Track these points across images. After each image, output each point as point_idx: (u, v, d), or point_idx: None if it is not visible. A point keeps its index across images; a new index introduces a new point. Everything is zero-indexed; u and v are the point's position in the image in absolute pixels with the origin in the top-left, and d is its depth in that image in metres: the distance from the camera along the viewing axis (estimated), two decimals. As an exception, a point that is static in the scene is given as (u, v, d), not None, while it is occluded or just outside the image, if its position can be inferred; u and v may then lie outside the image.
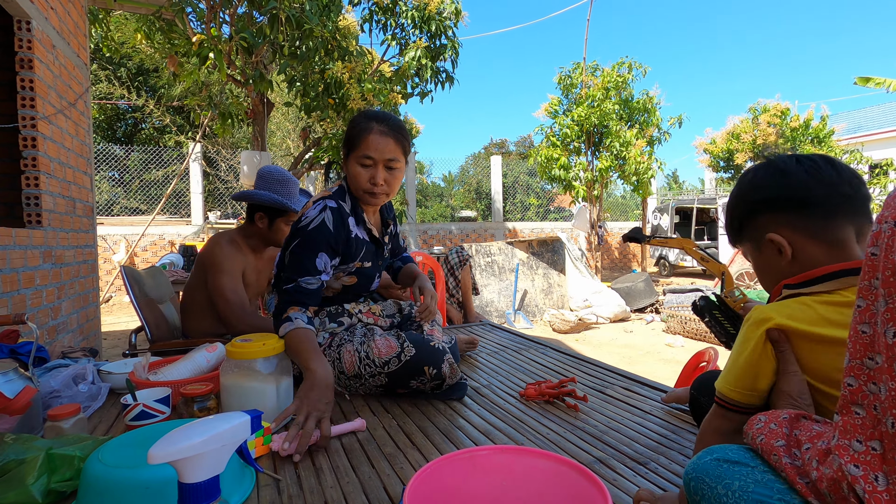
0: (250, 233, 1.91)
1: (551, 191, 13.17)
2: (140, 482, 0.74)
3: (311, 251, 1.26)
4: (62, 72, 2.96)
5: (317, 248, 1.26)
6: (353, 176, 1.31)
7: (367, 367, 1.27)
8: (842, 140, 12.69)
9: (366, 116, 1.32)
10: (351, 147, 1.32)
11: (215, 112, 5.18)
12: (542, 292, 6.18)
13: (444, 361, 1.26)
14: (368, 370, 1.27)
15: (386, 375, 1.27)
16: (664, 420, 1.15)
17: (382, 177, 1.30)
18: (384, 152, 1.29)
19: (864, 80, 7.01)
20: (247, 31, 4.17)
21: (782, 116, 11.12)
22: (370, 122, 1.30)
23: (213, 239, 1.87)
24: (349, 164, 1.32)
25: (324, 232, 1.26)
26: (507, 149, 23.44)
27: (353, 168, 1.31)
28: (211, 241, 1.86)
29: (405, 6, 5.56)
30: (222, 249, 1.82)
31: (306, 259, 1.25)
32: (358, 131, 1.30)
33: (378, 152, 1.28)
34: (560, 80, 8.80)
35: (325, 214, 1.28)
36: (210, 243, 1.86)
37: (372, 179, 1.30)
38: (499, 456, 0.73)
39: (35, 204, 2.61)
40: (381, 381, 1.28)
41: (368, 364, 1.27)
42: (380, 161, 1.29)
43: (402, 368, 1.25)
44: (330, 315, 1.41)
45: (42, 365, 1.40)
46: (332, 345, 1.34)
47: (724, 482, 0.60)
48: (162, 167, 9.64)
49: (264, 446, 0.98)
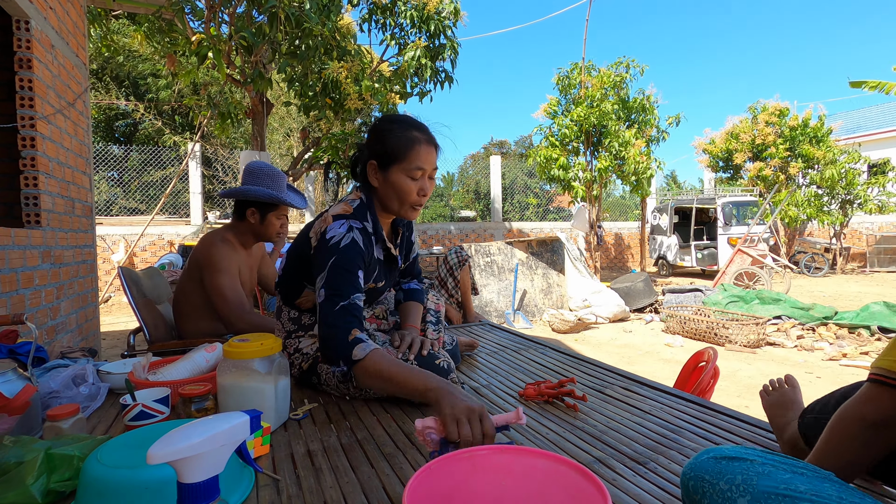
0: (241, 230, 1.90)
1: (550, 191, 13.18)
2: (139, 482, 0.74)
3: (354, 266, 1.19)
4: (61, 71, 2.95)
5: (356, 265, 1.20)
6: (402, 190, 1.23)
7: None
8: (840, 140, 12.71)
9: (403, 124, 1.25)
10: (396, 158, 1.23)
11: (214, 112, 5.18)
12: (542, 292, 6.18)
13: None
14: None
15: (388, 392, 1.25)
16: (664, 420, 1.15)
17: (429, 187, 1.26)
18: (432, 162, 1.25)
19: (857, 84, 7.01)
20: (246, 30, 4.17)
21: (781, 116, 11.13)
22: (412, 130, 1.24)
23: (205, 238, 1.86)
24: (392, 176, 1.24)
25: (357, 250, 1.21)
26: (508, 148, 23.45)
27: (400, 182, 1.23)
28: (204, 241, 1.85)
29: (404, 6, 5.56)
30: (218, 249, 1.81)
31: (351, 275, 1.18)
32: (404, 142, 1.23)
33: (429, 164, 1.23)
34: (558, 80, 8.81)
35: (353, 234, 1.22)
36: (204, 243, 1.84)
37: (422, 192, 1.24)
38: (498, 456, 0.73)
39: (34, 204, 2.60)
40: (385, 395, 1.27)
41: None
42: (428, 172, 1.25)
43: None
44: None
45: (41, 365, 1.39)
46: None
47: (725, 478, 0.60)
48: (161, 167, 9.63)
49: (263, 446, 0.98)
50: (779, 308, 5.33)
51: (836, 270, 10.71)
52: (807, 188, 10.94)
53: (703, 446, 1.00)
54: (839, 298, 7.20)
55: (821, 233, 12.59)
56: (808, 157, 10.70)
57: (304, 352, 1.36)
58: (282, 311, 1.42)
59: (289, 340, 1.39)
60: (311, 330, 1.39)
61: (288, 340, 1.39)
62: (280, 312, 1.42)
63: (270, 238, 1.96)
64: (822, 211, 10.59)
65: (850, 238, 12.49)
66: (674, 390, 1.34)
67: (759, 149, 11.22)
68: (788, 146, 10.87)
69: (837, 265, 10.80)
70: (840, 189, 10.53)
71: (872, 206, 10.54)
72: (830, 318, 5.09)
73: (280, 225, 1.95)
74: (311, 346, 1.37)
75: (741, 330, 4.45)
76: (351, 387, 1.30)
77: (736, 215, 9.78)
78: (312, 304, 1.38)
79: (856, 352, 4.11)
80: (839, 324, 4.94)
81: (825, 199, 10.80)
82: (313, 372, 1.34)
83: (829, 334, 4.72)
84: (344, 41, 5.12)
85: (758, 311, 5.19)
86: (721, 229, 9.67)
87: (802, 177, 11.12)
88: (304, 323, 1.39)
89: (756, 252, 7.27)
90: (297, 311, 1.40)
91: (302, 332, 1.39)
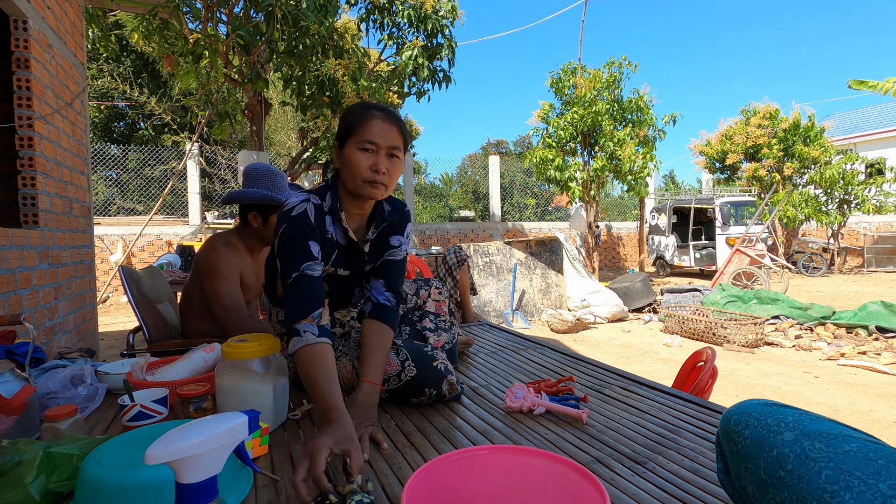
0: (247, 234, 1.88)
1: (549, 191, 13.19)
2: (137, 483, 0.74)
3: (304, 235, 1.16)
4: (59, 71, 2.95)
5: (307, 233, 1.17)
6: (352, 164, 1.18)
7: None
8: (836, 139, 12.75)
9: (364, 105, 1.23)
10: (348, 134, 1.20)
11: (213, 112, 5.17)
12: (540, 292, 6.18)
13: (444, 382, 1.24)
14: None
15: (385, 392, 1.24)
16: (662, 420, 1.15)
17: (385, 165, 1.19)
18: (388, 139, 1.18)
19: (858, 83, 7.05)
20: (243, 29, 4.17)
21: (772, 118, 11.18)
22: (370, 109, 1.21)
23: (208, 242, 1.85)
24: (346, 152, 1.20)
25: (307, 221, 1.18)
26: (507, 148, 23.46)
27: (351, 156, 1.18)
28: (206, 245, 1.84)
29: (401, 6, 5.56)
30: (219, 254, 1.79)
31: (300, 244, 1.15)
32: (356, 117, 1.20)
33: (382, 138, 1.18)
34: (552, 83, 8.82)
35: (307, 205, 1.20)
36: (206, 247, 1.83)
37: (374, 166, 1.18)
38: (497, 455, 0.73)
39: (32, 204, 2.60)
40: (381, 396, 1.26)
41: None
42: (382, 147, 1.18)
43: (402, 387, 1.23)
44: None
45: (39, 366, 1.39)
46: None
47: (775, 416, 0.59)
48: (159, 167, 9.61)
49: (262, 447, 0.97)
50: (777, 308, 5.34)
51: (833, 270, 10.74)
52: (804, 188, 10.97)
53: (702, 446, 1.00)
54: (837, 298, 7.22)
55: (819, 233, 12.62)
56: (803, 157, 10.73)
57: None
58: (271, 314, 1.42)
59: (281, 343, 1.38)
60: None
61: (280, 343, 1.38)
62: (271, 315, 1.42)
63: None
64: (819, 211, 10.61)
65: (847, 238, 12.52)
66: (672, 390, 1.34)
67: (753, 150, 11.25)
68: (782, 147, 10.91)
69: (835, 265, 10.83)
70: (838, 189, 10.56)
71: (870, 206, 10.57)
72: (828, 317, 5.10)
73: None
74: None
75: (739, 330, 4.46)
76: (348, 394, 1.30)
77: (734, 215, 9.79)
78: None
79: (853, 351, 4.12)
80: (837, 323, 4.95)
81: (823, 200, 10.83)
82: None
83: (826, 334, 4.73)
84: (342, 40, 5.12)
85: (756, 311, 5.20)
86: (719, 229, 9.69)
87: (799, 177, 11.15)
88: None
89: (754, 252, 7.28)
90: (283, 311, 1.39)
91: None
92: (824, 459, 0.52)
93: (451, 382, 1.25)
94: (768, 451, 0.57)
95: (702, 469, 0.90)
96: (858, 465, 0.50)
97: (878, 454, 0.51)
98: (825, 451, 0.53)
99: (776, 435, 0.57)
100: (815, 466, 0.52)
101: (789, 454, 0.55)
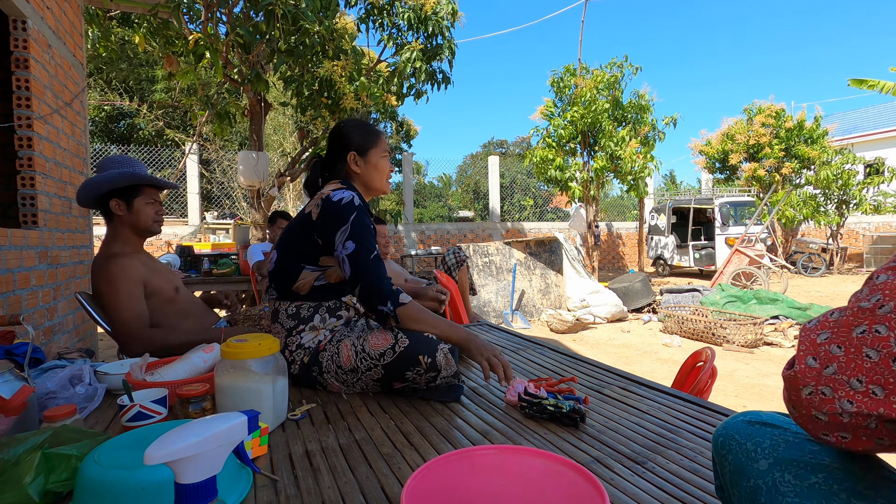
0: (119, 232, 1.68)
1: (549, 191, 13.19)
2: (136, 483, 0.74)
3: (370, 222, 1.38)
4: (58, 71, 2.95)
5: (370, 222, 1.39)
6: (381, 169, 1.50)
7: (364, 361, 1.29)
8: (835, 139, 12.75)
9: (361, 122, 1.53)
10: (373, 145, 1.49)
11: (212, 112, 5.17)
12: (540, 292, 6.18)
13: (438, 350, 1.27)
14: (365, 363, 1.29)
15: (382, 367, 1.28)
16: (661, 420, 1.15)
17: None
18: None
19: (858, 82, 7.07)
20: (243, 29, 4.17)
21: (777, 117, 11.15)
22: (368, 126, 1.52)
23: (93, 268, 1.66)
24: (373, 159, 1.49)
25: (367, 211, 1.41)
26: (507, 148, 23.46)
27: (380, 162, 1.50)
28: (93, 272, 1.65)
29: (401, 7, 5.56)
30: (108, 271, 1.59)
31: (370, 230, 1.36)
32: (375, 132, 1.50)
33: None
34: (553, 82, 8.82)
35: (360, 200, 1.40)
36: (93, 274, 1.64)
37: (391, 168, 1.54)
38: (496, 455, 0.73)
39: (31, 204, 2.60)
40: (378, 374, 1.29)
41: (364, 357, 1.29)
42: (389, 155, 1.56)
43: (398, 359, 1.26)
44: (329, 310, 1.41)
45: (38, 366, 1.39)
46: (332, 340, 1.36)
47: (753, 440, 0.60)
48: (159, 168, 9.60)
49: (261, 447, 0.97)
50: (776, 308, 5.34)
51: (832, 270, 10.74)
52: (802, 189, 10.97)
53: (702, 446, 1.00)
54: (836, 298, 7.23)
55: (818, 233, 12.62)
56: (803, 157, 10.73)
57: (305, 346, 1.37)
58: (278, 312, 1.41)
59: (290, 338, 1.38)
60: (311, 321, 1.39)
61: (289, 339, 1.38)
62: (276, 315, 1.41)
63: (149, 227, 1.70)
64: (818, 211, 10.62)
65: (846, 238, 12.53)
66: (672, 390, 1.34)
67: (755, 150, 11.24)
68: (784, 147, 10.90)
69: (834, 265, 10.84)
70: (836, 189, 10.56)
71: (868, 206, 10.58)
72: (827, 317, 5.10)
73: (155, 212, 1.72)
74: (312, 339, 1.38)
75: (739, 330, 4.46)
76: (349, 379, 1.32)
77: (733, 215, 9.80)
78: (310, 287, 1.39)
79: (853, 351, 4.12)
80: (836, 323, 4.94)
81: (821, 200, 10.83)
82: (315, 362, 1.35)
83: (826, 334, 4.73)
84: (341, 41, 5.12)
85: (755, 311, 5.20)
86: (719, 229, 9.69)
87: (798, 177, 11.15)
88: (304, 315, 1.39)
89: (753, 252, 7.29)
90: (294, 304, 1.39)
91: (303, 325, 1.38)
92: (791, 494, 0.53)
93: (445, 352, 1.28)
94: (746, 480, 0.58)
95: (701, 469, 0.90)
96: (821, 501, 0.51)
97: (843, 486, 0.52)
98: (793, 483, 0.54)
99: (753, 463, 0.58)
100: (782, 501, 0.53)
101: (762, 486, 0.56)
